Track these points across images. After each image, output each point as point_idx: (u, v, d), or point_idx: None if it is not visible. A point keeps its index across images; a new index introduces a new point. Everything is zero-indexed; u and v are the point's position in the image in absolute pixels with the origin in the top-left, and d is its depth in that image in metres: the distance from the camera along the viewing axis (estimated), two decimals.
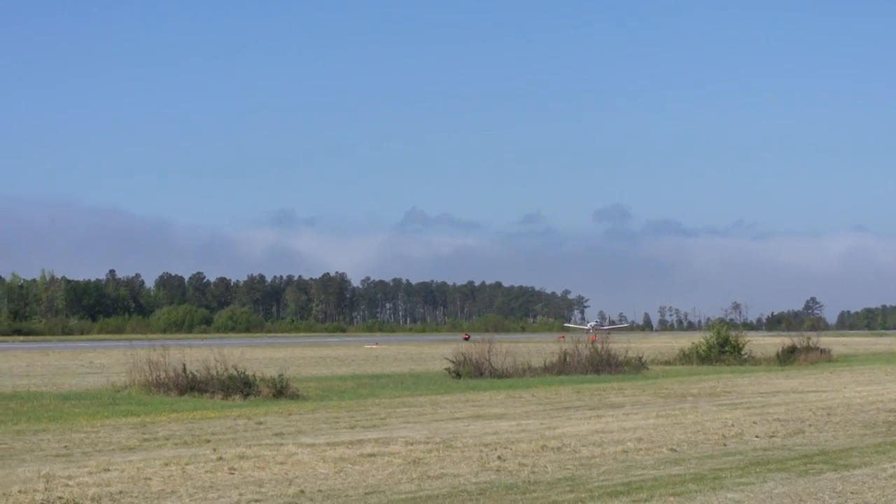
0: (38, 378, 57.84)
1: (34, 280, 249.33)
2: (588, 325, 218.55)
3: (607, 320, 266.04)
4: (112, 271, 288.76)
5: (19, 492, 19.66)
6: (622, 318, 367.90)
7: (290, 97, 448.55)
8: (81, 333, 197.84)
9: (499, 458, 25.00)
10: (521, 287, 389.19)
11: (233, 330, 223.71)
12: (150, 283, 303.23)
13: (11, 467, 23.37)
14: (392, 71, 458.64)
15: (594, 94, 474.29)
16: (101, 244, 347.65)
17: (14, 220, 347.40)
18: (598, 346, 67.37)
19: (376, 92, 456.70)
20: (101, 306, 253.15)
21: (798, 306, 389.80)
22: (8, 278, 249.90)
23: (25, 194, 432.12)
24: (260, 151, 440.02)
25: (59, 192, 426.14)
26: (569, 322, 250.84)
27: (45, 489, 20.03)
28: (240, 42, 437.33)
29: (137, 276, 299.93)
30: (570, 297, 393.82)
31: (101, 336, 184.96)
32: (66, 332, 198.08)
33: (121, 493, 19.77)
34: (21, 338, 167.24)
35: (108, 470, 22.53)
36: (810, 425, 33.18)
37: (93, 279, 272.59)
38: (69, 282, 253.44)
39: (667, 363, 78.27)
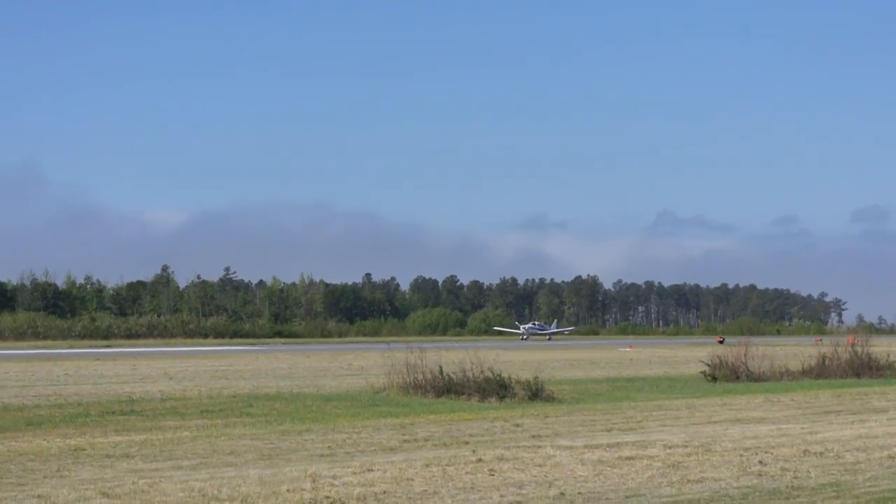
0: (300, 379, 59.41)
1: (294, 284, 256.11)
2: (522, 328, 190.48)
3: (554, 323, 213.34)
4: (368, 275, 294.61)
5: (287, 490, 20.26)
6: (882, 321, 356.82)
7: (540, 101, 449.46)
8: (339, 336, 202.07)
9: (760, 462, 24.64)
10: (775, 290, 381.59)
11: (486, 332, 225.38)
12: (404, 286, 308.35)
13: (279, 466, 24.09)
14: (643, 74, 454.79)
15: (849, 91, 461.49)
16: (357, 248, 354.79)
17: (275, 225, 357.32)
18: (859, 349, 65.52)
19: (626, 94, 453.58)
20: (358, 309, 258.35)
21: None
22: (269, 282, 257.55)
23: (285, 201, 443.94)
24: (512, 156, 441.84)
25: (316, 199, 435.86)
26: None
27: (312, 488, 20.59)
28: (495, 46, 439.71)
29: (393, 279, 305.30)
30: (827, 299, 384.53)
31: (359, 338, 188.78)
32: (325, 334, 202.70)
33: (385, 493, 20.19)
34: (282, 340, 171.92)
35: (372, 470, 23.02)
36: None
37: (350, 282, 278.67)
38: (327, 285, 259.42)
39: None
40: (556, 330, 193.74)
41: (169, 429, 33.21)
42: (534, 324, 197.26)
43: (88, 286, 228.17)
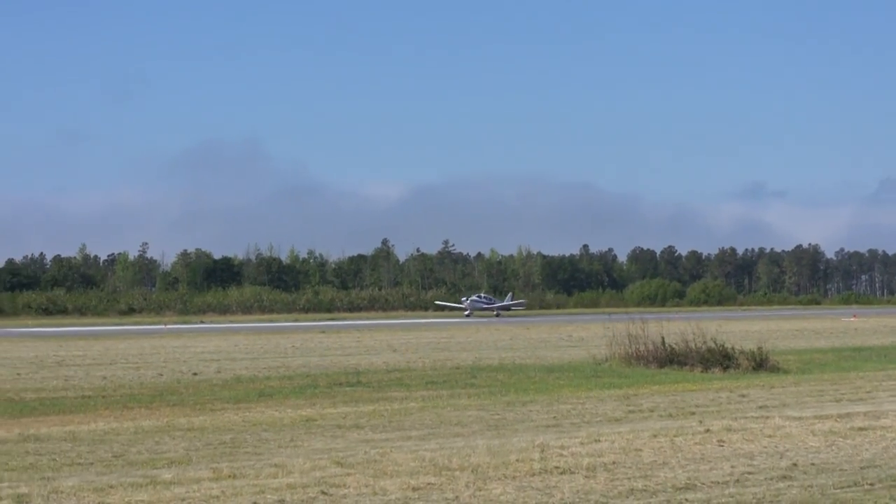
0: (521, 351, 59.75)
1: (511, 256, 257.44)
2: (465, 300, 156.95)
3: (509, 296, 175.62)
4: (585, 246, 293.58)
5: (517, 461, 20.43)
6: None
7: (756, 66, 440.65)
8: (558, 307, 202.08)
9: None
10: None
11: (705, 303, 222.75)
12: (622, 257, 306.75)
13: (506, 437, 24.32)
14: (863, 37, 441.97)
15: None
16: (574, 220, 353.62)
17: (491, 198, 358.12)
18: None
19: (845, 58, 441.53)
20: (576, 280, 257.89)
21: None
22: (487, 254, 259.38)
23: (500, 173, 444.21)
24: (728, 124, 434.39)
25: (531, 170, 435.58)
26: None
27: (541, 458, 20.72)
28: (707, 11, 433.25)
29: (610, 250, 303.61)
30: None
31: (577, 310, 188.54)
32: (543, 306, 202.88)
33: (614, 463, 20.21)
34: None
35: (599, 441, 23.05)
36: None
37: (567, 254, 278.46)
38: (544, 257, 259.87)
39: None
40: (505, 304, 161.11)
41: (396, 400, 33.85)
42: (479, 296, 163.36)
43: (311, 260, 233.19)
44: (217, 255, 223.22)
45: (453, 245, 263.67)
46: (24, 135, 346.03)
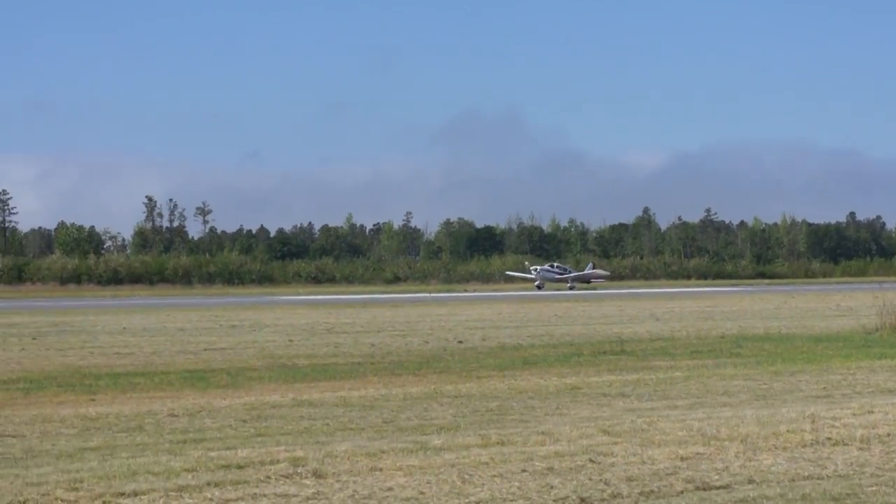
0: (786, 320, 58.74)
1: (775, 224, 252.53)
2: (535, 271, 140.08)
3: (591, 265, 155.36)
4: (852, 213, 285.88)
5: (787, 431, 20.05)
6: None
7: None
8: (824, 276, 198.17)
9: None
10: None
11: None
12: (890, 225, 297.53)
13: (775, 407, 23.94)
14: None
15: None
16: (840, 186, 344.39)
17: (753, 165, 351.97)
18: None
19: None
20: (842, 249, 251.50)
21: None
22: (750, 223, 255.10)
23: (761, 140, 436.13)
24: None
25: (793, 137, 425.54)
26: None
27: (812, 429, 20.30)
28: None
29: (878, 218, 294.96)
30: None
31: (844, 279, 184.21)
32: (809, 274, 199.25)
33: (889, 435, 19.66)
34: (765, 281, 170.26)
35: (872, 412, 22.46)
36: None
37: (833, 222, 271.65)
38: (809, 225, 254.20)
39: None
40: (583, 274, 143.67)
41: (660, 369, 33.66)
42: (551, 266, 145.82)
43: (572, 229, 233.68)
44: (479, 225, 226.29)
45: (715, 213, 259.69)
46: (291, 108, 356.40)
